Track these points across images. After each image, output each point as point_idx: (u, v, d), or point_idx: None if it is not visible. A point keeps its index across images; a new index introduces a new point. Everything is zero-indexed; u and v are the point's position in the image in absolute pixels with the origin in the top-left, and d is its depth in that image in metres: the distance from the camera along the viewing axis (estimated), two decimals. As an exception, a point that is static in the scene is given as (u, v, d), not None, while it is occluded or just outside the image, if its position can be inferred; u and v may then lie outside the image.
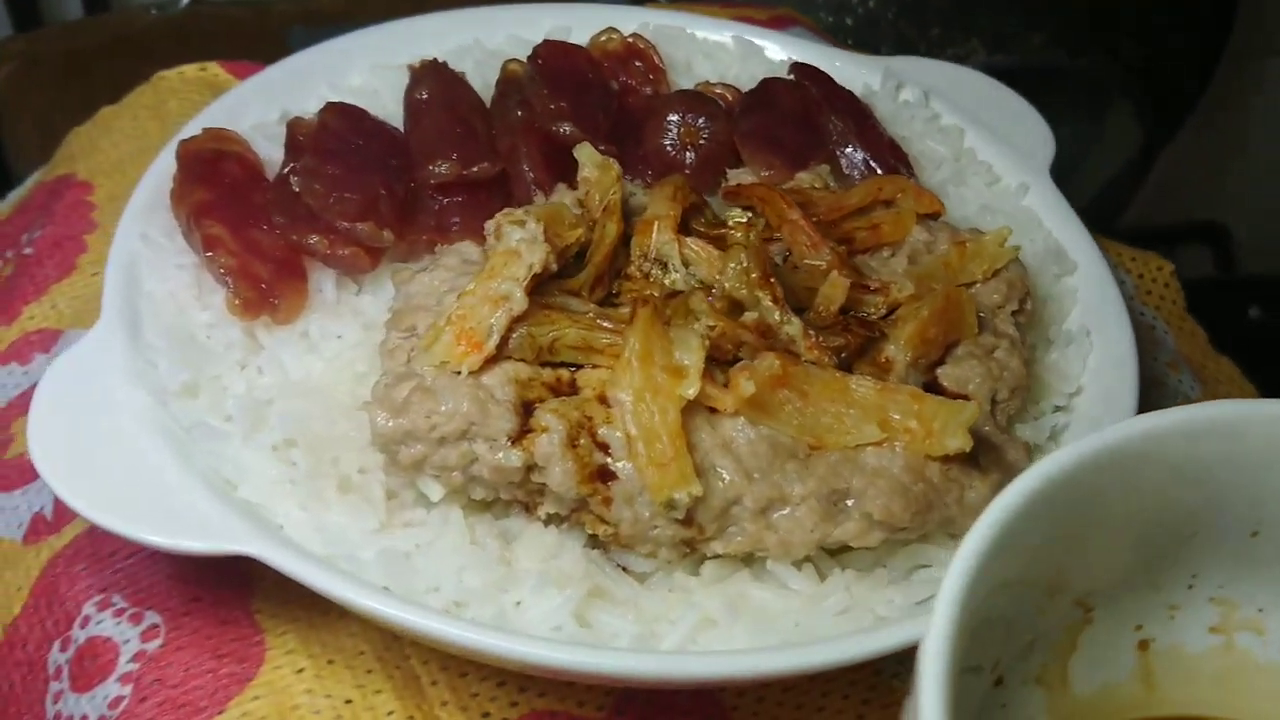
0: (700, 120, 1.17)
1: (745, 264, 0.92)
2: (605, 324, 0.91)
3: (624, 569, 0.91)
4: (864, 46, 2.07)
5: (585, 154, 1.04)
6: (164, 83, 1.40)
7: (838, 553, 0.92)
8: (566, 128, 1.12)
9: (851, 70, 1.33)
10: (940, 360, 1.00)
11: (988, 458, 0.93)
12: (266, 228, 1.05)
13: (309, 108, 1.18)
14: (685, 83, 1.30)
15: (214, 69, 1.42)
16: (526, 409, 0.88)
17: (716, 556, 0.90)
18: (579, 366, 0.92)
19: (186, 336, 0.97)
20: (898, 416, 0.90)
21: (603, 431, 0.87)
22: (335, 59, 1.27)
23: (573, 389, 0.91)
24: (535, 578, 0.85)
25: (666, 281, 0.99)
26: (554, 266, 0.91)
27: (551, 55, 1.22)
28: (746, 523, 0.88)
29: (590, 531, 0.89)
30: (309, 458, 0.90)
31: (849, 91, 1.24)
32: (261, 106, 1.19)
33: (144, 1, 2.04)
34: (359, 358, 0.99)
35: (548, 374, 0.91)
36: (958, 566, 0.68)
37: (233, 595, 0.94)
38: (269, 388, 0.96)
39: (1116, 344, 1.06)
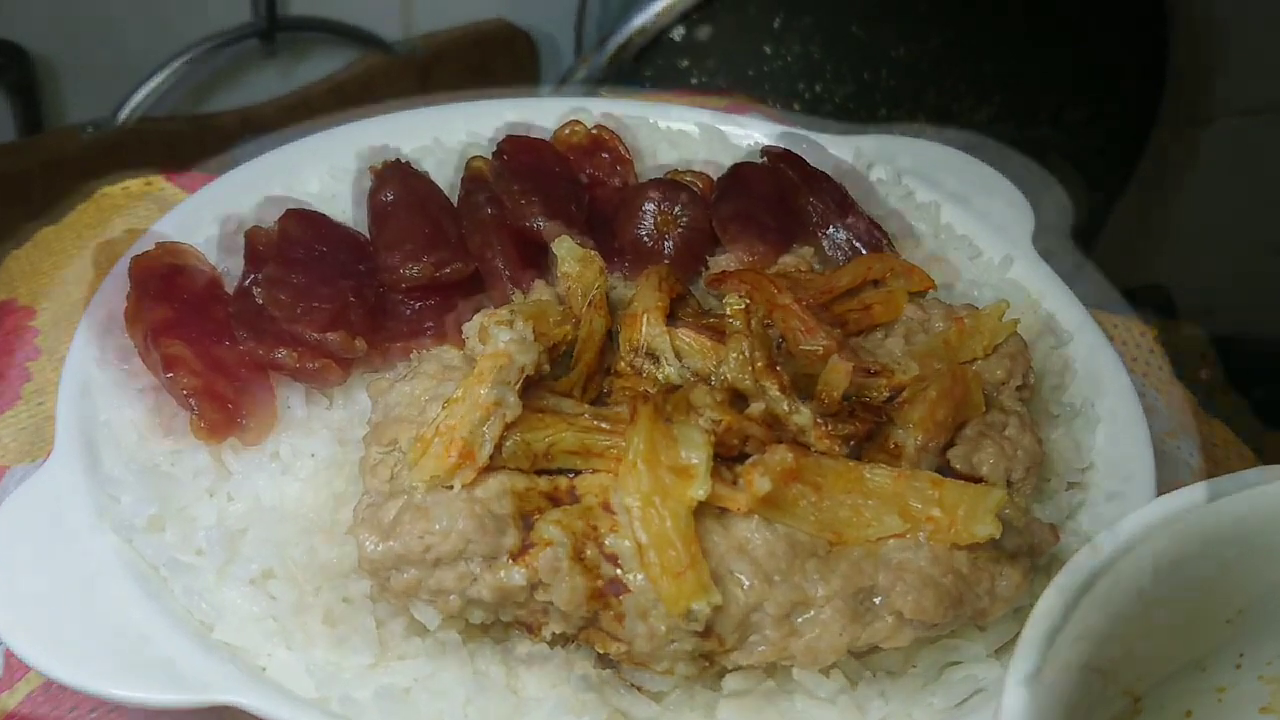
0: (676, 207, 1.13)
1: (748, 353, 0.87)
2: (602, 425, 0.86)
3: (638, 688, 0.84)
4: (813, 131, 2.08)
5: (565, 248, 0.99)
6: (106, 199, 1.34)
7: (864, 654, 0.86)
8: (540, 222, 1.07)
9: (819, 151, 1.31)
10: (950, 442, 0.95)
11: (1014, 543, 0.88)
12: (229, 344, 0.98)
13: (266, 217, 1.13)
14: (653, 172, 1.27)
15: (159, 182, 1.36)
16: (525, 522, 0.82)
17: (738, 669, 0.83)
18: (576, 473, 0.86)
19: (150, 466, 0.90)
20: (918, 505, 0.85)
21: (610, 541, 0.81)
22: (289, 164, 1.22)
23: (572, 497, 0.85)
24: (549, 707, 0.78)
25: (659, 376, 0.93)
26: (546, 368, 0.85)
27: (516, 150, 1.18)
28: (769, 630, 0.82)
29: (600, 650, 0.82)
30: (290, 590, 0.83)
31: (823, 172, 1.21)
32: (215, 218, 1.13)
33: (78, 121, 1.98)
34: (336, 476, 0.93)
35: (545, 483, 0.85)
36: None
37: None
38: (242, 515, 0.89)
39: (1122, 413, 1.03)
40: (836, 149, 1.31)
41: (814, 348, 0.98)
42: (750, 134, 1.33)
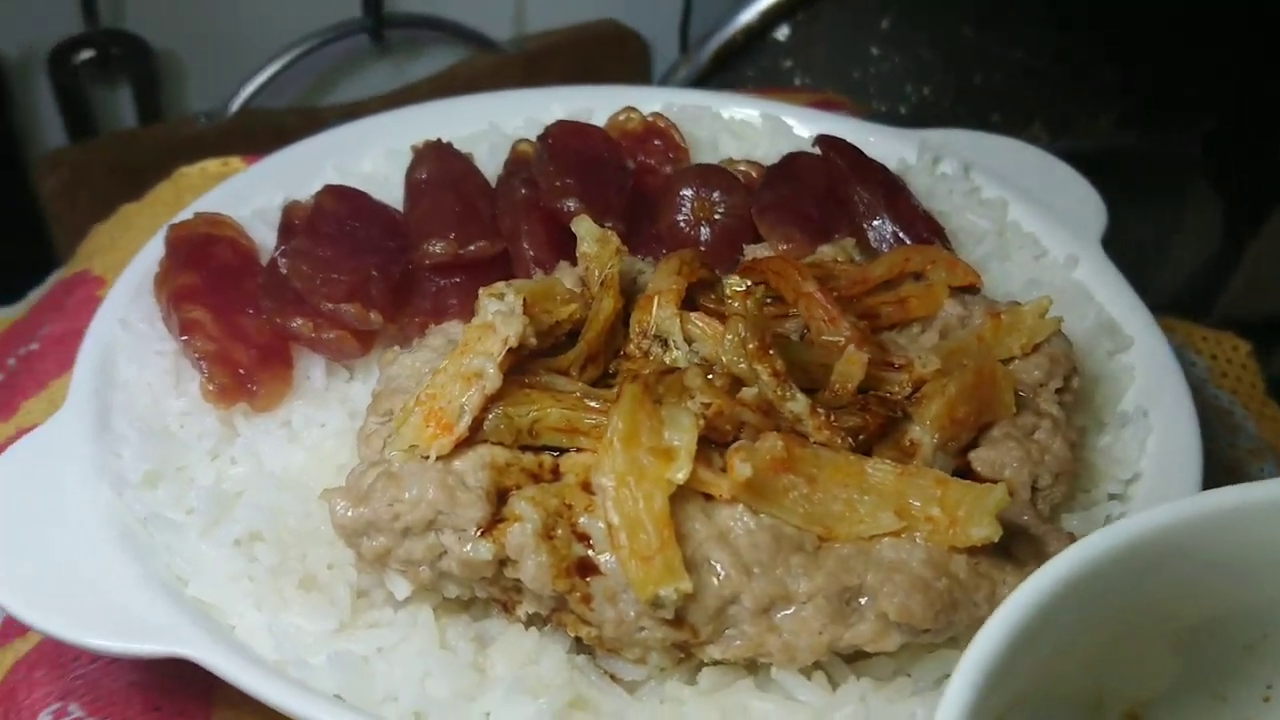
0: (715, 194, 1.10)
1: (742, 335, 0.83)
2: (592, 404, 0.83)
3: (612, 677, 0.81)
4: (920, 135, 2.01)
5: (584, 228, 0.97)
6: (184, 179, 1.39)
7: (854, 659, 0.81)
8: (571, 204, 1.06)
9: (886, 144, 1.26)
10: (973, 443, 0.90)
11: (1025, 550, 0.82)
12: (254, 313, 1.00)
13: (312, 185, 1.14)
14: (711, 161, 1.24)
15: (235, 163, 1.40)
16: (502, 497, 0.80)
17: (715, 663, 0.80)
18: (565, 451, 0.84)
19: (158, 425, 0.91)
20: (918, 503, 0.80)
21: (583, 521, 0.79)
22: (345, 144, 1.25)
23: (556, 475, 0.82)
24: (505, 686, 0.76)
25: (667, 359, 0.91)
26: (532, 341, 0.83)
27: (563, 135, 1.17)
28: (746, 624, 0.78)
29: (573, 634, 0.80)
30: (274, 553, 0.83)
31: (880, 164, 1.16)
32: (265, 192, 1.16)
33: (194, 110, 2.06)
34: (342, 447, 0.93)
35: (529, 459, 0.83)
36: (964, 673, 0.58)
37: (194, 705, 0.86)
38: (240, 479, 0.90)
39: (1177, 424, 0.95)
40: (903, 142, 1.25)
41: (835, 338, 0.93)
42: (814, 127, 1.29)
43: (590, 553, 0.78)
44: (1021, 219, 1.17)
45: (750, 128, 1.30)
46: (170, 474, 0.88)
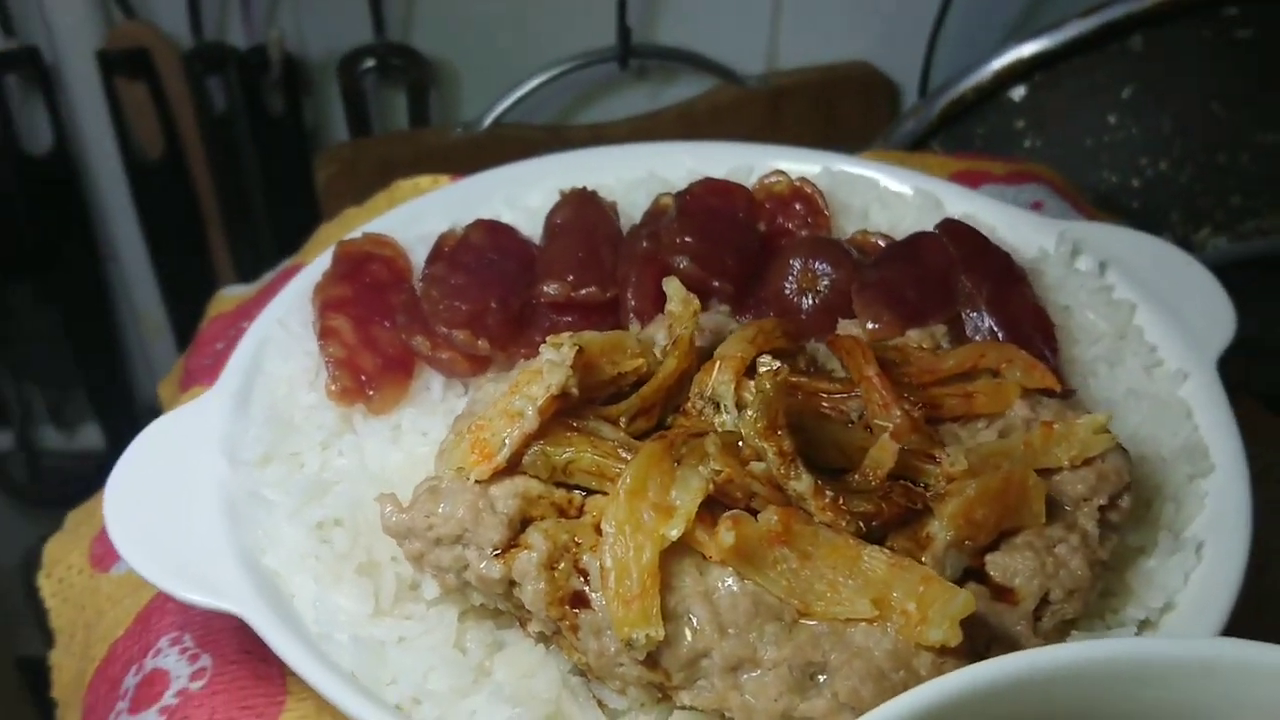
0: (822, 266, 1.15)
1: (756, 412, 0.89)
2: (625, 454, 0.92)
3: (600, 703, 0.90)
4: (1149, 212, 1.95)
5: (673, 288, 1.05)
6: (398, 191, 1.57)
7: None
8: (683, 262, 1.14)
9: (1030, 233, 1.26)
10: (994, 546, 0.92)
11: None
12: (389, 326, 1.14)
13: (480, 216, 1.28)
14: (865, 228, 1.29)
15: (444, 181, 1.56)
16: (525, 525, 0.90)
17: (688, 709, 0.87)
18: (595, 492, 0.93)
19: (285, 415, 1.07)
20: (899, 596, 0.84)
21: (586, 559, 0.88)
22: (522, 178, 1.37)
23: (580, 513, 0.92)
24: (490, 689, 0.87)
25: (716, 423, 0.98)
26: (574, 391, 0.93)
27: (704, 192, 1.25)
28: (715, 678, 0.85)
29: (567, 657, 0.89)
30: (346, 539, 0.97)
31: (1003, 253, 1.18)
32: (438, 217, 1.30)
33: (460, 119, 2.27)
34: (434, 455, 1.05)
35: (560, 495, 0.93)
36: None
37: (274, 656, 1.02)
38: (341, 470, 1.04)
39: (1228, 563, 0.93)
40: (1045, 232, 1.25)
41: (885, 423, 0.98)
42: (965, 205, 1.30)
43: (586, 588, 0.87)
44: (1146, 325, 1.15)
45: (903, 200, 1.33)
46: (283, 457, 1.04)
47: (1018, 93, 2.01)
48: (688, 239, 1.16)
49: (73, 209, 2.37)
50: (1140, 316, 1.16)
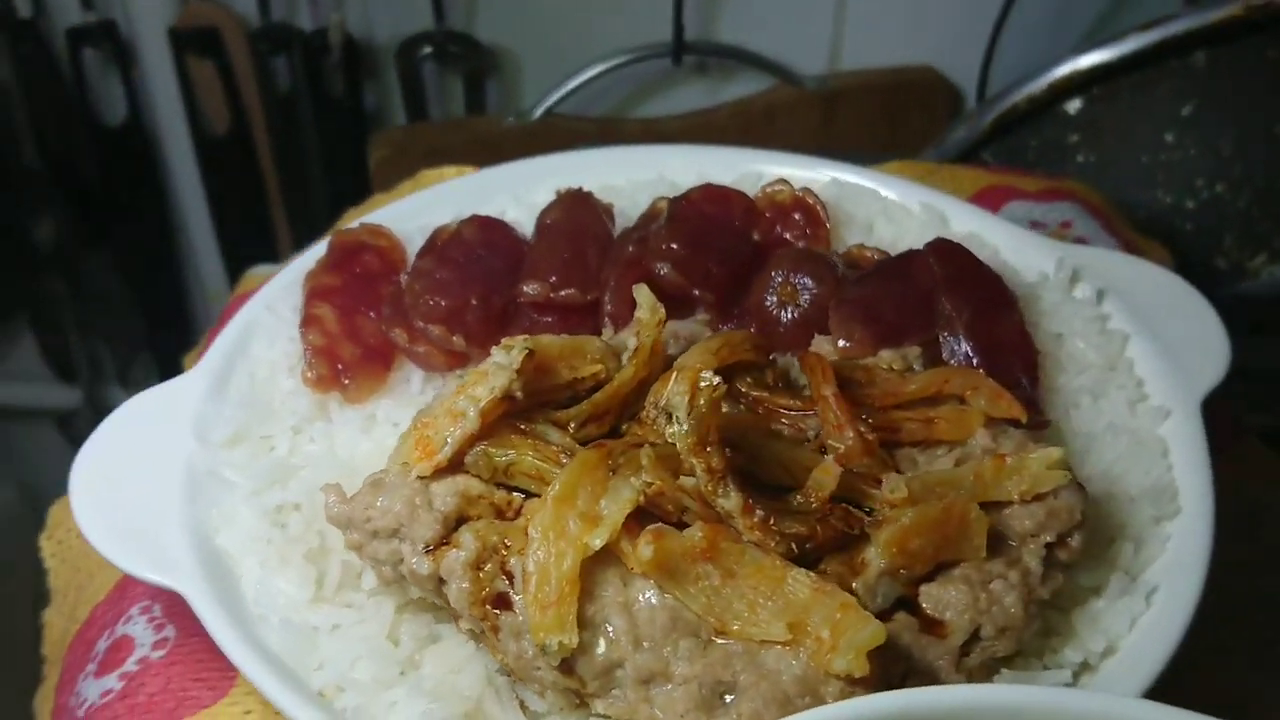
0: (803, 279, 1.14)
1: (688, 427, 0.89)
2: (566, 459, 0.93)
3: (522, 704, 0.91)
4: (1201, 234, 1.88)
5: (642, 295, 1.06)
6: (424, 179, 1.59)
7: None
8: (665, 269, 1.14)
9: (1034, 256, 1.23)
10: (931, 578, 0.91)
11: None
12: (375, 316, 1.17)
13: (484, 212, 1.29)
14: (868, 241, 1.28)
15: (469, 171, 1.58)
16: (462, 523, 0.92)
17: (602, 716, 0.88)
18: (536, 495, 0.94)
19: (263, 397, 1.10)
20: (815, 621, 0.84)
21: (513, 562, 0.89)
22: (533, 175, 1.38)
23: (517, 515, 0.93)
24: (412, 681, 0.88)
25: (668, 434, 0.98)
26: (518, 394, 0.94)
27: (702, 198, 1.25)
28: (628, 689, 0.86)
29: (492, 655, 0.91)
30: (300, 524, 1.00)
31: (994, 276, 1.15)
32: (443, 210, 1.32)
33: (519, 107, 2.30)
34: (396, 448, 1.07)
35: (500, 496, 0.94)
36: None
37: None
38: (308, 455, 1.07)
39: (1174, 612, 0.90)
40: (1045, 256, 1.22)
41: (838, 444, 0.97)
42: (972, 223, 1.28)
43: (511, 590, 0.88)
44: (1138, 357, 1.12)
45: (909, 215, 1.31)
46: (254, 440, 1.07)
47: (1073, 105, 1.95)
48: (673, 245, 1.16)
49: (145, 179, 2.45)
50: (1133, 348, 1.13)
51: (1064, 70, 1.92)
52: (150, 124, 2.40)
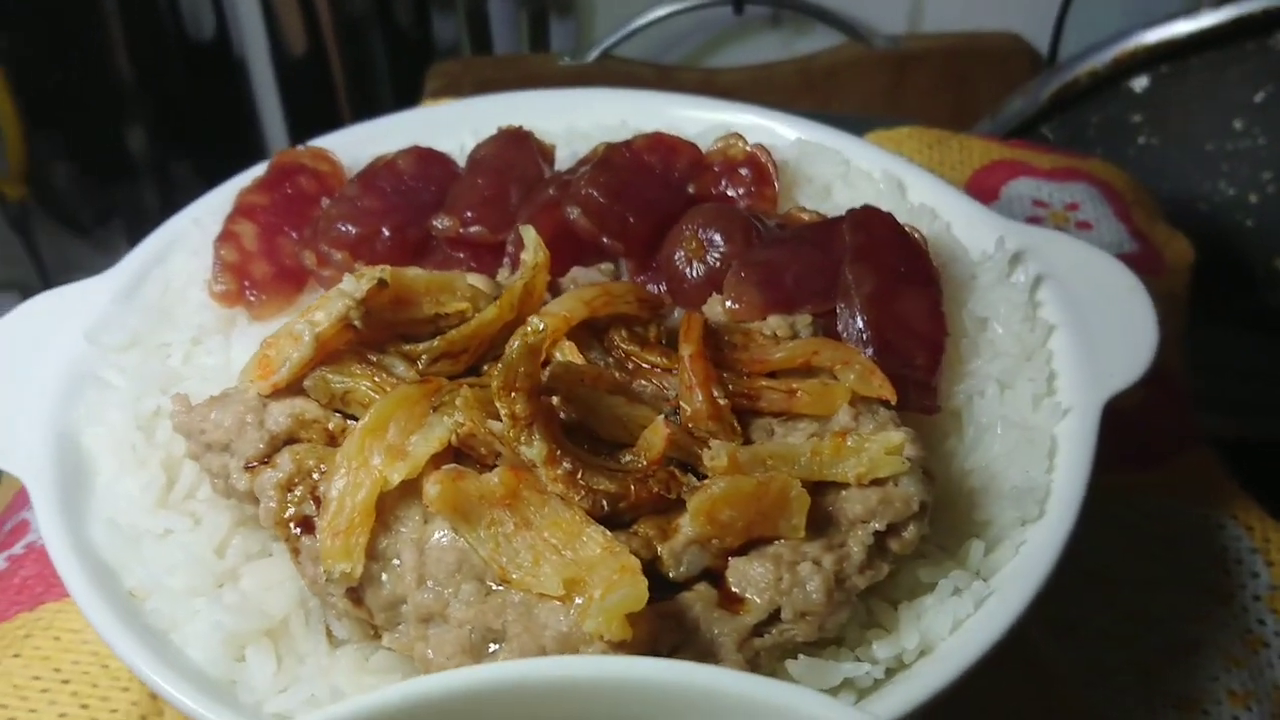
0: (712, 236, 1.10)
1: (497, 372, 0.88)
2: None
3: (330, 631, 0.92)
4: (1262, 232, 1.75)
5: (529, 236, 1.04)
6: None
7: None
8: (575, 213, 1.12)
9: (988, 234, 1.16)
10: (743, 551, 0.87)
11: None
12: (297, 238, 1.18)
13: (441, 146, 1.29)
14: (822, 205, 1.23)
15: (464, 105, 1.57)
16: (290, 444, 0.93)
17: (388, 649, 0.88)
18: (372, 425, 0.94)
19: (165, 304, 1.13)
20: (594, 580, 0.81)
21: (324, 488, 0.89)
22: (500, 110, 1.36)
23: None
24: (223, 596, 0.90)
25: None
26: (357, 323, 0.93)
27: (645, 146, 1.22)
28: (410, 625, 0.85)
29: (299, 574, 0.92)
30: (169, 432, 1.02)
31: (917, 250, 1.09)
32: (400, 138, 1.31)
33: (579, 47, 2.28)
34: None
35: (337, 422, 0.94)
36: None
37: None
38: (202, 367, 1.09)
39: (987, 621, 0.85)
40: (979, 232, 1.15)
41: (687, 407, 0.94)
42: (928, 195, 1.21)
43: (316, 515, 0.89)
44: (1058, 350, 1.05)
45: (868, 180, 1.25)
46: (151, 347, 1.09)
47: (1139, 83, 1.83)
48: (592, 191, 1.14)
49: (229, 96, 2.54)
50: (1056, 340, 1.06)
51: (1130, 44, 1.80)
52: (236, 42, 2.48)
